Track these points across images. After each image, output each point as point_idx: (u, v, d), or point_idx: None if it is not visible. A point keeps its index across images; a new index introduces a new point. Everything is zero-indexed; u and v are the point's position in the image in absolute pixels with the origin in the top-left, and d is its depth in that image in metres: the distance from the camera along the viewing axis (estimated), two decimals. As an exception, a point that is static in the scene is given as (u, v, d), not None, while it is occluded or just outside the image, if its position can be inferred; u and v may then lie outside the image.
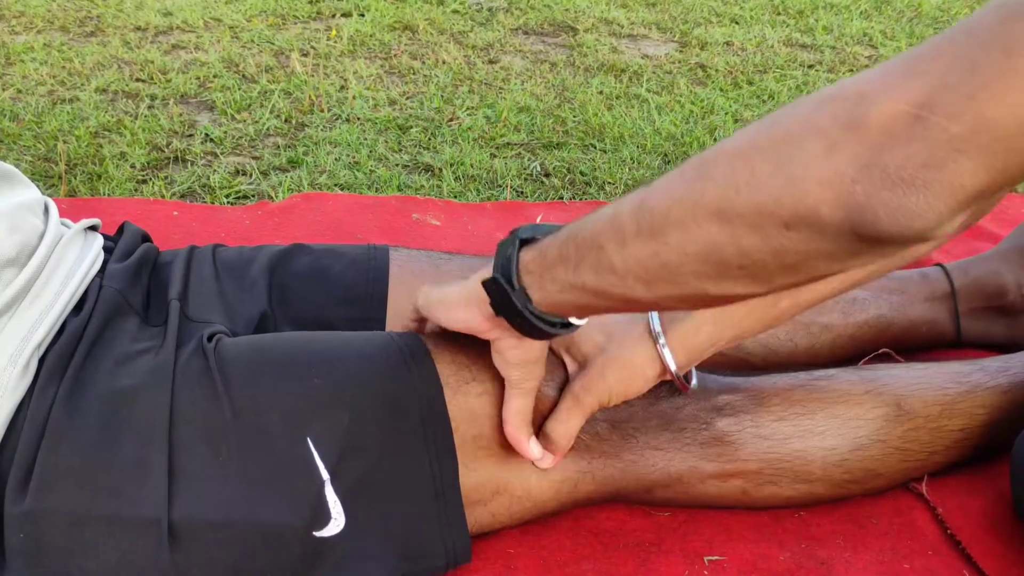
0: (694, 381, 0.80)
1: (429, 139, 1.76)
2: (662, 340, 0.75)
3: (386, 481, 0.74)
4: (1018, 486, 0.84)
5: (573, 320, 0.68)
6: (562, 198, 1.57)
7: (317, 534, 0.72)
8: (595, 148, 1.75)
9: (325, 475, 0.72)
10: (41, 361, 0.73)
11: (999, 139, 0.42)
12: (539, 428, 0.78)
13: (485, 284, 0.67)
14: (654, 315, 0.76)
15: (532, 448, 0.76)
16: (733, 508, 0.87)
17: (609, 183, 1.62)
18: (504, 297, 0.66)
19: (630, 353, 0.76)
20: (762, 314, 0.76)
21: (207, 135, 1.73)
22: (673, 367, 0.75)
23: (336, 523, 0.72)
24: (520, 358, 0.73)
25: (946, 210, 0.44)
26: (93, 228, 0.89)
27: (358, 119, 1.82)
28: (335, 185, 1.56)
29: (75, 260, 0.81)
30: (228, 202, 1.50)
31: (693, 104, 1.97)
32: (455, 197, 1.55)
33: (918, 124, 0.43)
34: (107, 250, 0.88)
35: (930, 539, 0.85)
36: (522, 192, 1.59)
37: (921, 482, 0.90)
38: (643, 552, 0.83)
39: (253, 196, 1.53)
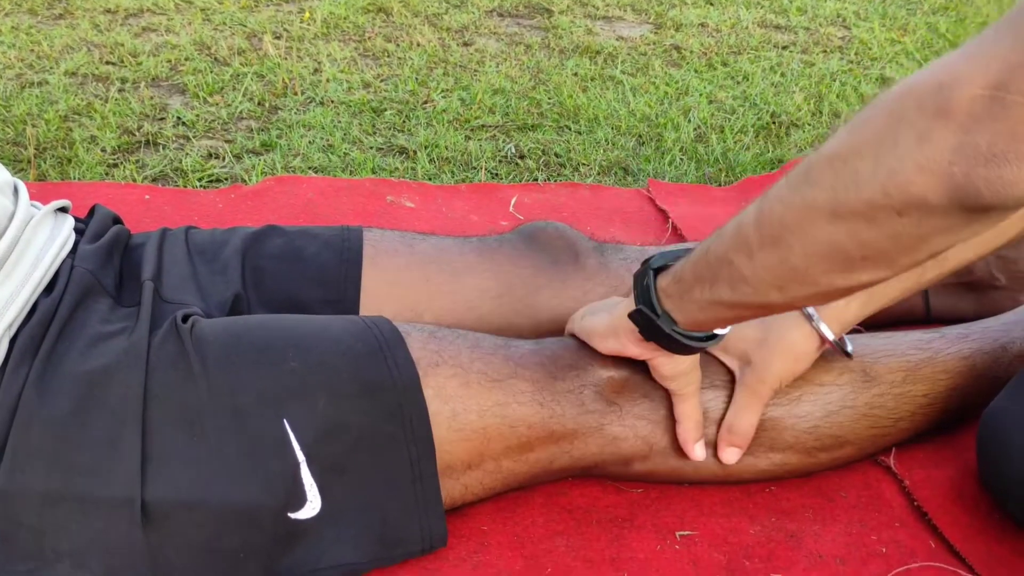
0: (850, 347, 0.87)
1: (403, 122, 1.75)
2: (816, 317, 0.82)
3: (363, 465, 0.74)
4: (985, 458, 0.85)
5: (717, 331, 0.74)
6: (537, 180, 1.57)
7: (292, 516, 0.72)
8: (570, 130, 1.76)
9: (300, 456, 0.72)
10: (12, 342, 0.72)
11: None
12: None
13: (631, 315, 0.74)
14: None
15: (697, 450, 0.82)
16: (709, 483, 0.88)
17: (584, 164, 1.63)
18: (650, 324, 0.73)
19: (790, 337, 0.82)
20: (908, 284, 0.83)
21: (179, 118, 1.71)
22: (831, 336, 0.82)
23: (312, 506, 0.72)
24: (675, 371, 0.79)
25: None
26: (63, 210, 0.88)
27: (332, 102, 1.81)
28: (309, 168, 1.56)
29: (46, 241, 0.81)
30: (201, 186, 1.49)
31: (668, 85, 1.98)
32: (429, 179, 1.55)
33: (997, 104, 0.46)
34: (78, 232, 0.87)
35: (897, 511, 0.87)
36: (497, 174, 1.59)
37: (889, 455, 0.92)
38: (616, 528, 0.84)
39: (226, 179, 1.52)
